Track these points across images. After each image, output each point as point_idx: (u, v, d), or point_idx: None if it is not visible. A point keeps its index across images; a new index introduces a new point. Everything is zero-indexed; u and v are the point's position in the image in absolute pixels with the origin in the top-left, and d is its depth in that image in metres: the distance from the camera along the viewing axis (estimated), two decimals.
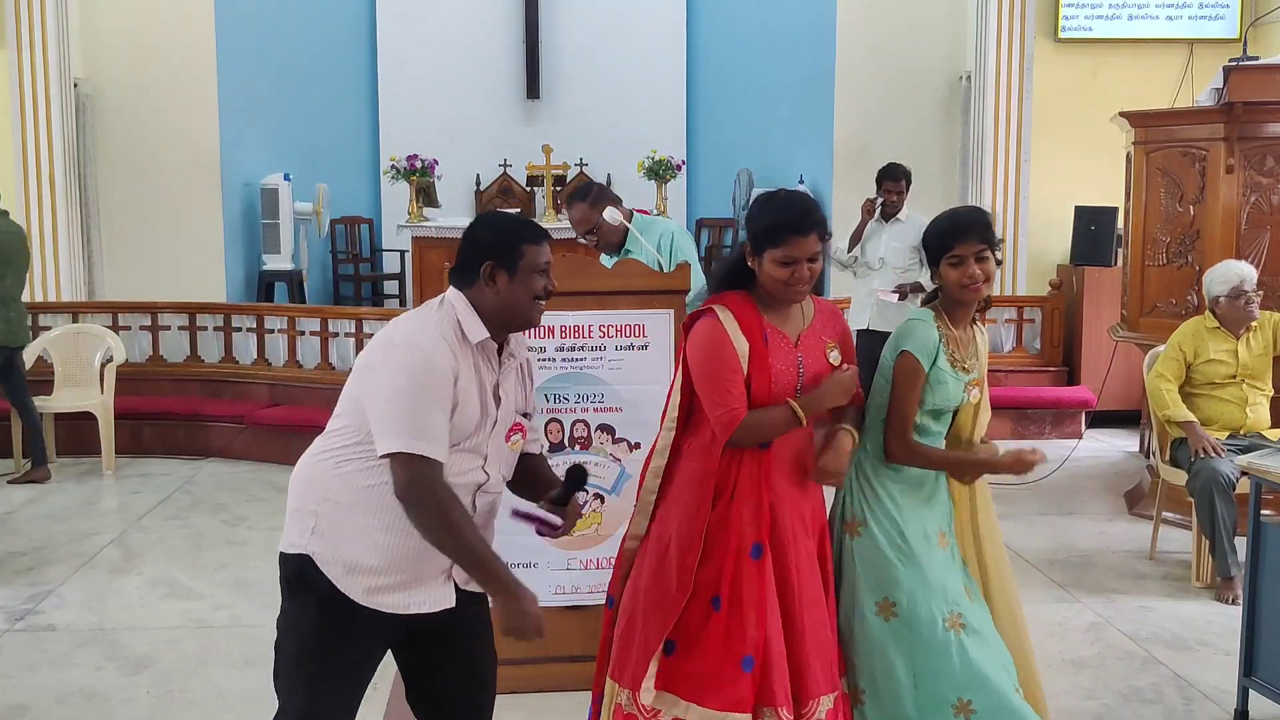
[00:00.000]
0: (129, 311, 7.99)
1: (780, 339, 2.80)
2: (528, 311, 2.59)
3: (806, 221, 2.77)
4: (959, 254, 2.94)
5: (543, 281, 2.59)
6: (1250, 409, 5.17)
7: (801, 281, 2.76)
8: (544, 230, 2.67)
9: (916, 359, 2.95)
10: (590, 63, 11.07)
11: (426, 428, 2.40)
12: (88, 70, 8.99)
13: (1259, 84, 5.81)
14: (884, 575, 2.97)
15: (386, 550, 2.52)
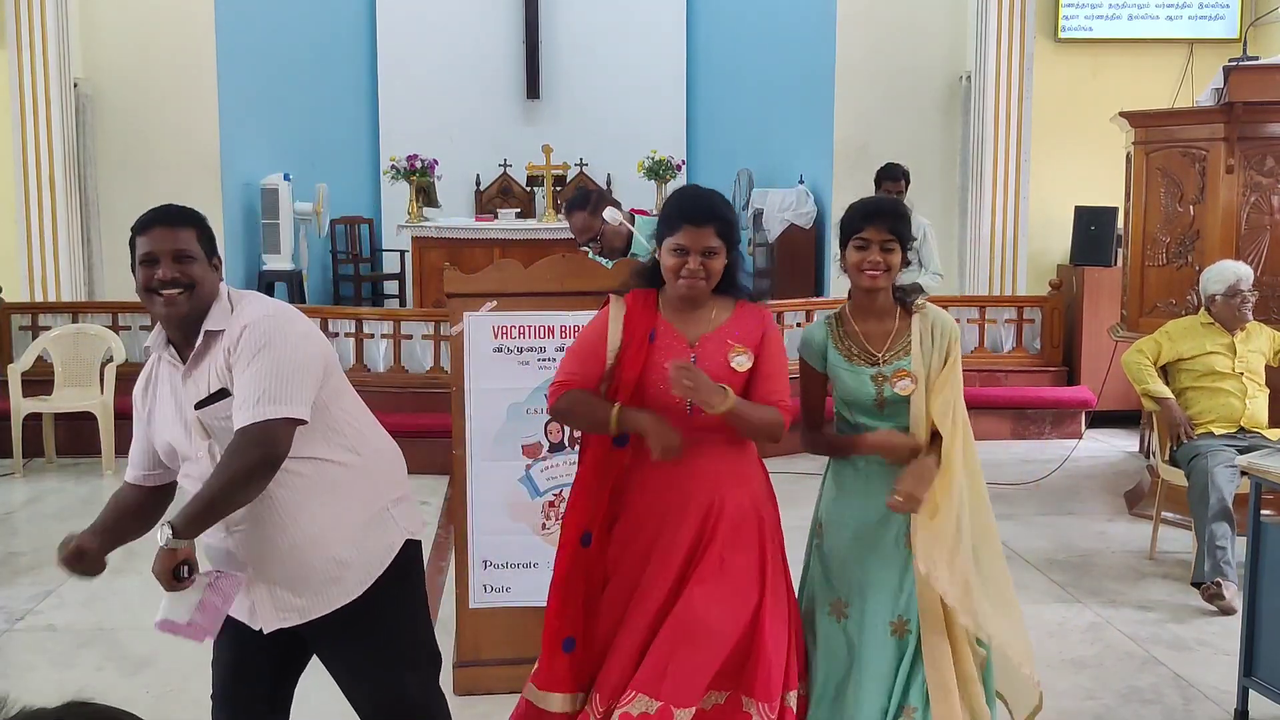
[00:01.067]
0: (129, 311, 7.98)
1: (673, 337, 2.79)
2: (151, 307, 2.52)
3: (703, 212, 2.74)
4: (865, 237, 2.93)
5: (149, 272, 2.47)
6: (1249, 400, 5.19)
7: (693, 274, 2.72)
8: (158, 215, 2.51)
9: (802, 358, 3.06)
10: (590, 63, 11.07)
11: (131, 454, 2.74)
12: (88, 70, 8.99)
13: (1259, 84, 5.82)
14: (836, 574, 2.99)
15: None
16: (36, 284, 8.50)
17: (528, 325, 3.81)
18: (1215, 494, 4.84)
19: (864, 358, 2.98)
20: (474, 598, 3.92)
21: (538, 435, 3.85)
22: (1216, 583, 4.73)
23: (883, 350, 2.98)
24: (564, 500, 3.85)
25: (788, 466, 6.09)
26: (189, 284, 2.47)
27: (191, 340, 2.51)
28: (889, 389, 2.95)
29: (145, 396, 2.59)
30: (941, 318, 3.02)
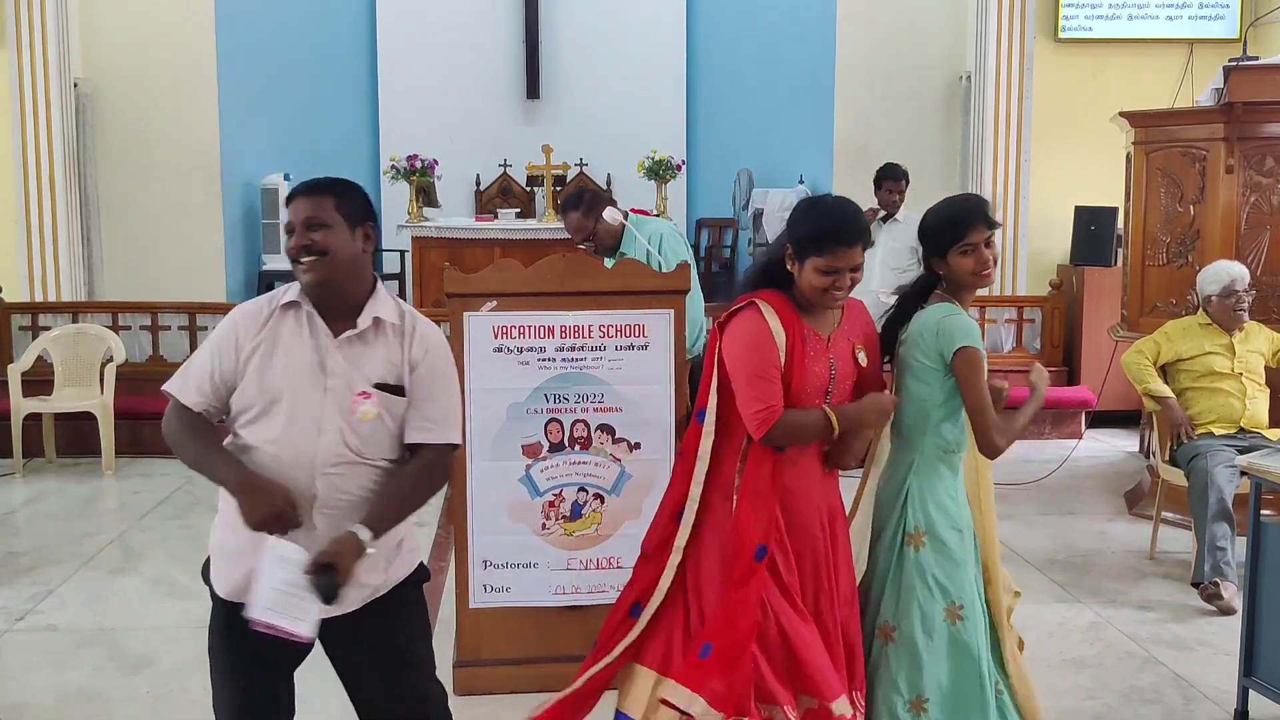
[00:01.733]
0: (129, 311, 7.98)
1: (815, 339, 2.78)
2: (295, 273, 2.54)
3: (853, 231, 2.71)
4: (971, 241, 2.92)
5: (289, 240, 2.51)
6: (1249, 401, 5.19)
7: (842, 290, 2.73)
8: (301, 186, 2.55)
9: (978, 350, 2.92)
10: (590, 63, 11.06)
11: (184, 373, 2.56)
12: (88, 70, 8.99)
13: (1259, 84, 5.81)
14: (952, 578, 2.95)
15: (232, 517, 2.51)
16: (36, 284, 8.50)
17: (528, 325, 3.81)
18: (1215, 494, 4.85)
19: None
20: (474, 598, 3.92)
21: (538, 435, 3.85)
22: (1215, 583, 4.73)
23: None
24: (564, 500, 3.86)
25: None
26: (321, 251, 2.48)
27: (347, 316, 2.51)
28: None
29: (258, 334, 2.51)
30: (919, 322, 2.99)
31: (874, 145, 9.13)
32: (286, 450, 2.47)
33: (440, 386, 2.57)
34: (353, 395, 2.49)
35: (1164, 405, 5.25)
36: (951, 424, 2.96)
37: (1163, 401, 5.25)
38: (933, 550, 2.94)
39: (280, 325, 2.52)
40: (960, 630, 2.92)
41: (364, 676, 2.67)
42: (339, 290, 2.52)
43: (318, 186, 2.54)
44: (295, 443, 2.47)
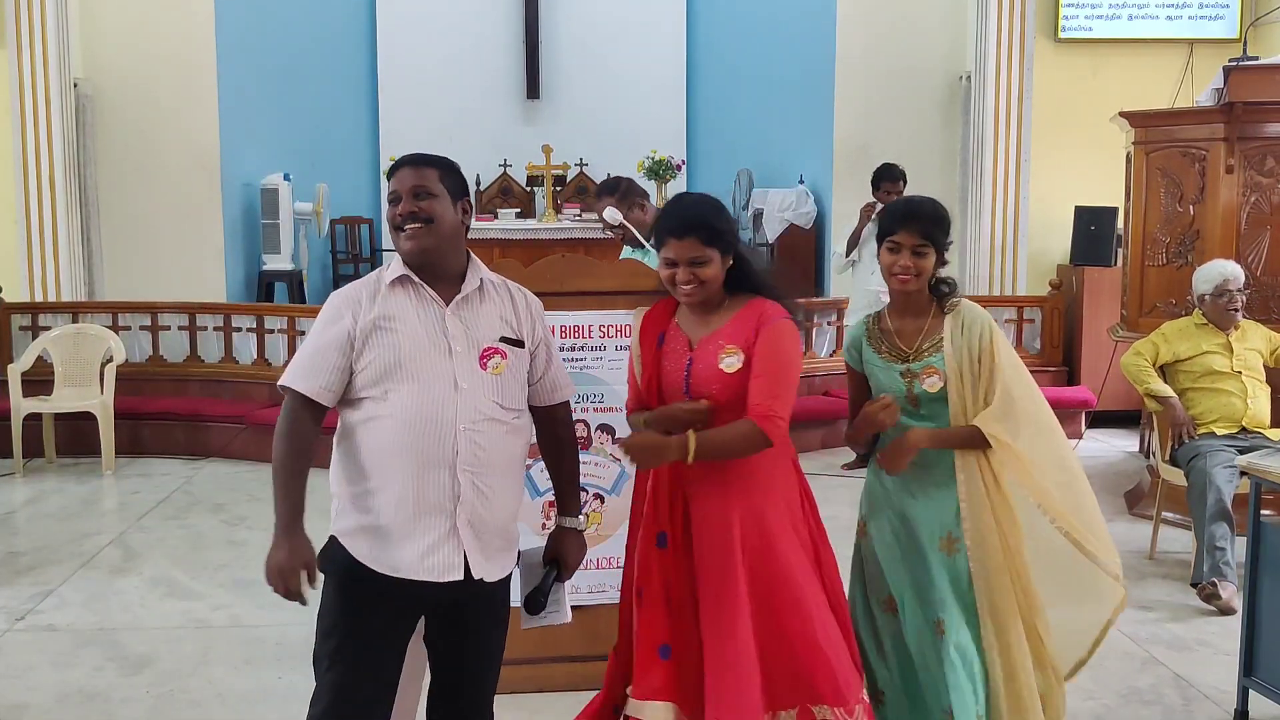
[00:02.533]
0: (129, 311, 7.99)
1: (678, 341, 2.82)
2: (398, 245, 2.63)
3: (684, 225, 2.75)
4: (897, 241, 2.97)
5: (393, 210, 2.62)
6: (1250, 400, 5.19)
7: (687, 284, 2.74)
8: (406, 158, 2.68)
9: (845, 359, 3.14)
10: (590, 62, 11.06)
11: (298, 364, 2.60)
12: (88, 70, 8.99)
13: (1259, 84, 5.82)
14: (887, 572, 3.02)
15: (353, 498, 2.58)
16: (36, 284, 8.50)
17: None
18: (1214, 494, 4.84)
19: (894, 354, 3.03)
20: None
21: None
22: (1213, 582, 4.73)
23: (913, 347, 3.01)
24: None
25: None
26: (427, 218, 2.58)
27: (452, 283, 2.63)
28: (918, 385, 2.98)
29: (371, 310, 2.57)
30: (972, 314, 3.04)
31: (874, 145, 9.13)
32: (423, 416, 2.52)
33: (552, 344, 2.78)
34: (478, 354, 2.59)
35: (1166, 405, 5.25)
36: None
37: (1164, 401, 5.26)
38: (869, 541, 3.07)
39: (390, 300, 2.59)
40: (897, 621, 3.02)
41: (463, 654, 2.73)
42: (442, 258, 2.62)
43: (424, 159, 2.67)
44: (432, 407, 2.52)
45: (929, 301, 3.04)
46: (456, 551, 2.55)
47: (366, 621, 2.57)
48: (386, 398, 2.54)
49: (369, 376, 2.55)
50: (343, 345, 2.56)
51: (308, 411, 2.56)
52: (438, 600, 2.60)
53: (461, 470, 2.53)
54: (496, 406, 2.59)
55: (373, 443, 2.54)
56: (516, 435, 2.65)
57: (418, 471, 2.51)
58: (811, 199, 9.96)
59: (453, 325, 2.59)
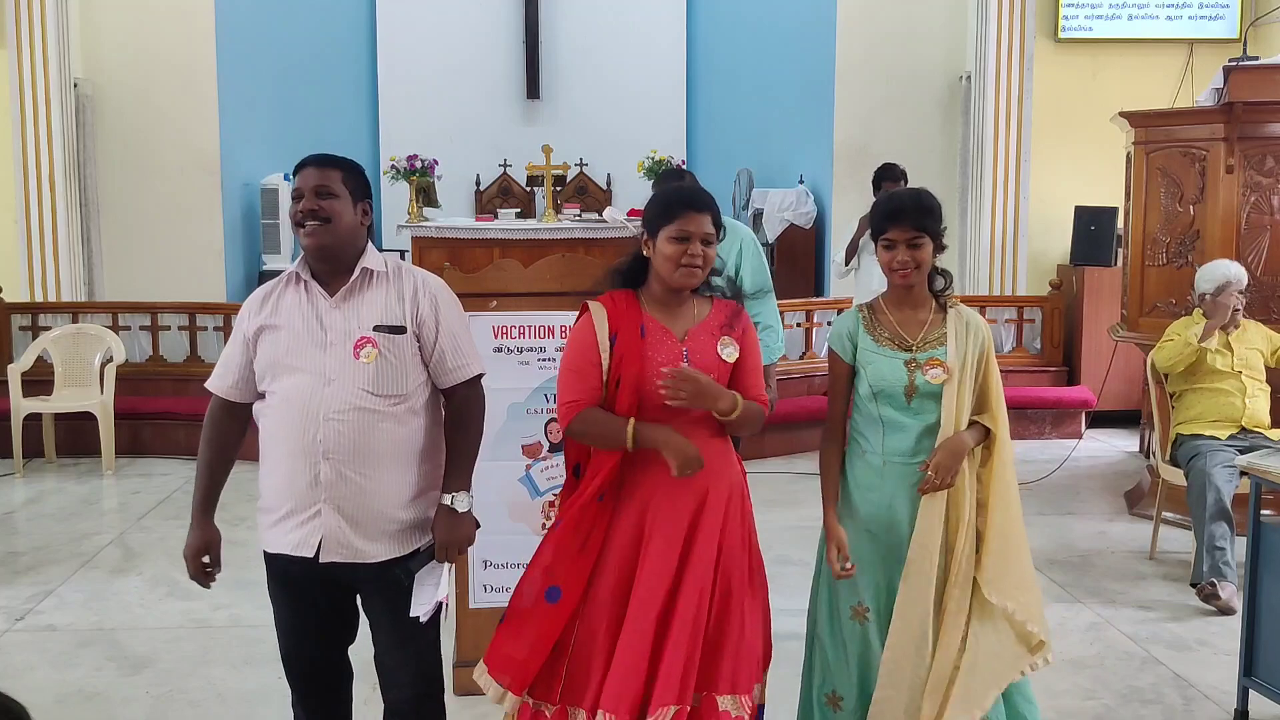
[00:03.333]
0: (129, 311, 7.99)
1: (661, 333, 2.80)
2: (300, 240, 2.76)
3: (701, 200, 2.80)
4: (890, 238, 2.96)
5: (295, 207, 2.75)
6: (1249, 400, 5.19)
7: (696, 259, 2.74)
8: (308, 158, 2.82)
9: (833, 350, 3.08)
10: (590, 63, 11.06)
11: (219, 364, 2.85)
12: (88, 70, 8.99)
13: (1259, 84, 5.82)
14: (857, 578, 2.99)
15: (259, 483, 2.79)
16: (36, 284, 8.51)
17: (528, 325, 3.81)
18: (1213, 494, 4.84)
19: (897, 343, 3.00)
20: (474, 598, 3.92)
21: (538, 435, 3.85)
22: (1212, 583, 4.73)
23: (916, 338, 3.00)
24: None
25: (787, 467, 6.11)
26: (326, 217, 2.70)
27: (341, 275, 2.74)
28: (920, 376, 2.95)
29: (259, 314, 2.76)
30: (975, 319, 3.06)
31: (874, 145, 9.13)
32: (294, 405, 2.68)
33: (450, 324, 2.78)
34: (352, 344, 2.69)
35: (1210, 329, 5.18)
36: (855, 423, 3.06)
37: (1207, 330, 5.18)
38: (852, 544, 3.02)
39: (282, 300, 2.77)
40: (865, 632, 2.99)
41: (378, 634, 2.84)
42: (337, 255, 2.74)
43: (328, 160, 2.82)
44: (302, 397, 2.67)
45: (927, 295, 3.04)
46: (315, 533, 2.69)
47: (278, 593, 2.84)
48: (271, 390, 2.74)
49: (259, 370, 2.76)
50: (242, 344, 2.79)
51: (222, 408, 2.82)
52: (329, 579, 2.75)
53: (324, 459, 2.66)
54: (367, 395, 2.67)
55: (264, 431, 2.77)
56: (397, 422, 2.70)
57: (288, 458, 2.69)
58: (811, 199, 9.96)
59: (332, 318, 2.71)
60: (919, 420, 2.96)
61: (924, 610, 2.91)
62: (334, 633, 2.90)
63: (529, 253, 8.59)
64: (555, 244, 9.00)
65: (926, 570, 2.91)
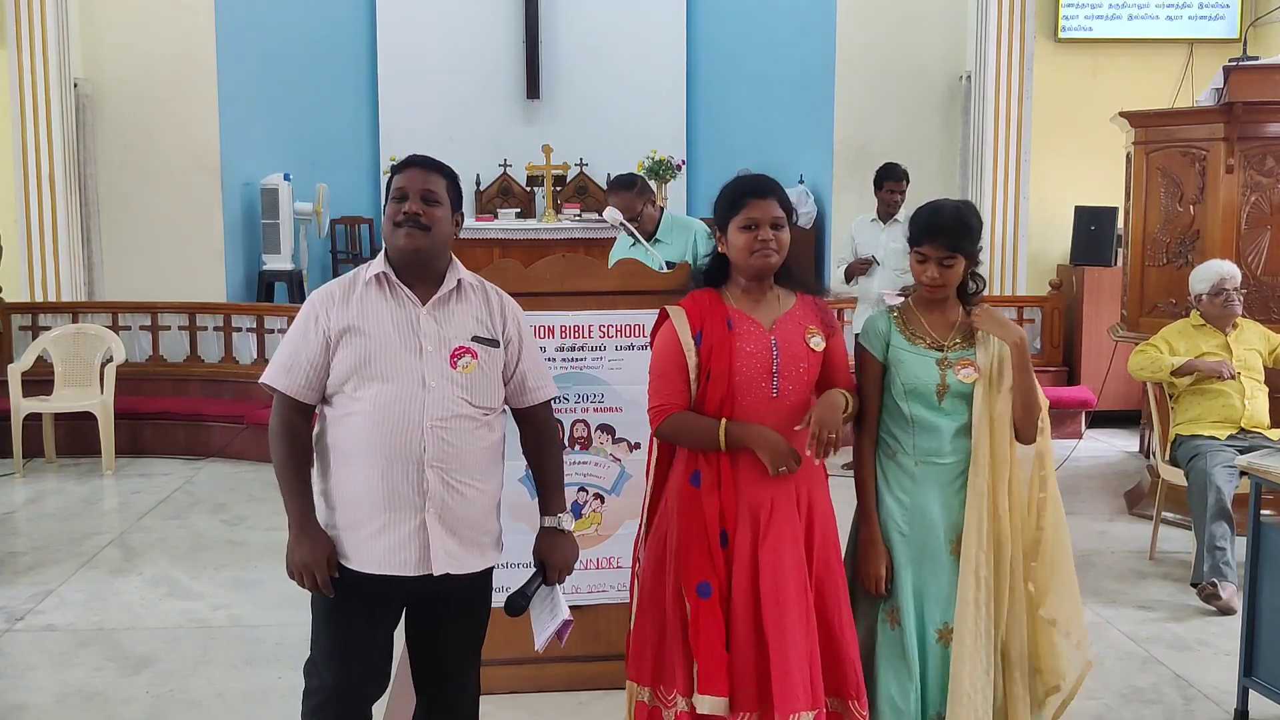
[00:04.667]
0: (129, 311, 7.99)
1: (749, 324, 2.83)
2: (390, 239, 2.68)
3: (764, 186, 2.85)
4: (924, 253, 2.96)
5: (397, 206, 2.66)
6: (1248, 400, 5.19)
7: (767, 244, 2.78)
8: (415, 159, 2.73)
9: (864, 347, 3.06)
10: (590, 62, 11.06)
11: (278, 362, 2.67)
12: (88, 70, 8.99)
13: (1259, 84, 5.82)
14: (891, 584, 2.99)
15: (326, 495, 2.66)
16: (36, 284, 8.50)
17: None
18: (1214, 494, 4.84)
19: (929, 342, 3.01)
20: None
21: None
22: (1213, 583, 4.73)
23: (947, 339, 3.01)
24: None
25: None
26: (428, 225, 2.64)
27: (431, 284, 2.68)
28: (952, 375, 2.96)
29: (344, 314, 2.63)
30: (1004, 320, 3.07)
31: (874, 145, 9.13)
32: (392, 412, 2.59)
33: (530, 346, 2.82)
34: (449, 353, 2.64)
35: (1192, 367, 5.18)
36: (885, 423, 3.04)
37: (1186, 366, 5.18)
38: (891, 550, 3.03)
39: (365, 298, 2.66)
40: (898, 636, 2.98)
41: (440, 646, 2.79)
42: (429, 263, 2.68)
43: (436, 165, 2.73)
44: (400, 404, 2.59)
45: (956, 298, 3.05)
46: (424, 546, 2.62)
47: (346, 614, 2.66)
48: (357, 395, 2.61)
49: (341, 374, 2.62)
50: (320, 342, 2.64)
51: (294, 409, 2.66)
52: (414, 593, 2.66)
53: (430, 466, 2.60)
54: (466, 404, 2.65)
55: (344, 440, 2.62)
56: (490, 431, 2.71)
57: (386, 467, 2.58)
58: (811, 199, 9.96)
59: (426, 325, 2.65)
60: (950, 420, 2.97)
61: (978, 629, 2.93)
62: (385, 668, 2.78)
63: (529, 253, 8.61)
64: (555, 244, 9.02)
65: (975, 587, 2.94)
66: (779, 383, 2.80)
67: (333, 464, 2.64)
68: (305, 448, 2.67)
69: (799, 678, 2.73)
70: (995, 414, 2.95)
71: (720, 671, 2.73)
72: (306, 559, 2.60)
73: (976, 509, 2.94)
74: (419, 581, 2.63)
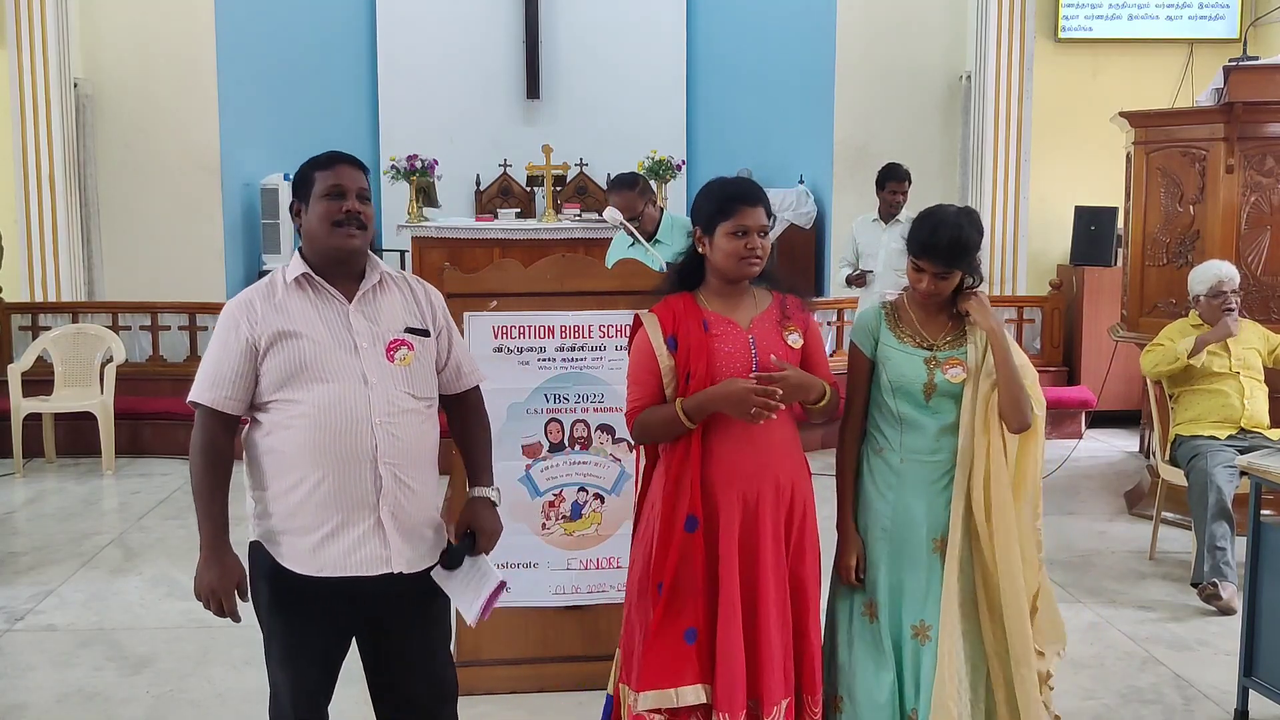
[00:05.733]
0: (129, 311, 7.99)
1: (726, 324, 2.85)
2: (327, 239, 2.61)
3: (754, 192, 2.85)
4: (920, 266, 2.98)
5: (334, 205, 2.59)
6: (1248, 400, 5.19)
7: (755, 251, 2.80)
8: (338, 155, 2.67)
9: (855, 344, 3.08)
10: (590, 62, 11.06)
11: (202, 377, 2.62)
12: (88, 70, 8.98)
13: (1259, 84, 5.82)
14: (868, 575, 3.01)
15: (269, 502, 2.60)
16: (36, 284, 8.50)
17: (528, 325, 3.81)
18: (1214, 494, 4.84)
19: (918, 341, 3.01)
20: None
21: (538, 435, 3.85)
22: (1213, 583, 4.73)
23: (937, 338, 3.01)
24: (564, 500, 3.86)
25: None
26: (364, 224, 2.63)
27: (353, 279, 2.65)
28: (940, 375, 2.96)
29: (272, 320, 2.59)
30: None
31: (874, 145, 9.13)
32: (337, 413, 2.54)
33: (454, 332, 2.81)
34: (383, 347, 2.61)
35: (1200, 344, 5.17)
36: (873, 419, 3.05)
37: (1199, 343, 5.17)
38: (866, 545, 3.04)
39: (289, 302, 2.62)
40: (875, 629, 2.99)
41: (404, 651, 2.72)
42: (359, 261, 2.67)
43: (358, 162, 2.69)
44: (345, 404, 2.55)
45: (949, 299, 3.05)
46: (384, 544, 2.59)
47: (300, 622, 2.62)
48: (296, 400, 2.56)
49: (274, 381, 2.57)
50: (244, 352, 2.58)
51: (218, 424, 2.59)
52: (364, 595, 2.61)
53: (382, 464, 2.57)
54: (409, 397, 2.63)
55: (286, 445, 2.56)
56: (432, 426, 2.69)
57: (337, 469, 2.54)
58: (811, 199, 9.96)
59: (356, 321, 2.62)
60: (937, 419, 2.97)
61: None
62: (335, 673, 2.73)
63: (529, 253, 8.60)
64: (555, 244, 9.01)
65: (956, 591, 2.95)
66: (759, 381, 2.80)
67: (270, 472, 2.58)
68: (225, 465, 2.61)
69: (780, 668, 2.79)
70: (983, 413, 2.95)
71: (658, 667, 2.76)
72: (214, 584, 2.53)
73: (961, 508, 2.94)
74: (372, 583, 2.59)
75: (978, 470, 2.93)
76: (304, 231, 2.66)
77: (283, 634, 2.64)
